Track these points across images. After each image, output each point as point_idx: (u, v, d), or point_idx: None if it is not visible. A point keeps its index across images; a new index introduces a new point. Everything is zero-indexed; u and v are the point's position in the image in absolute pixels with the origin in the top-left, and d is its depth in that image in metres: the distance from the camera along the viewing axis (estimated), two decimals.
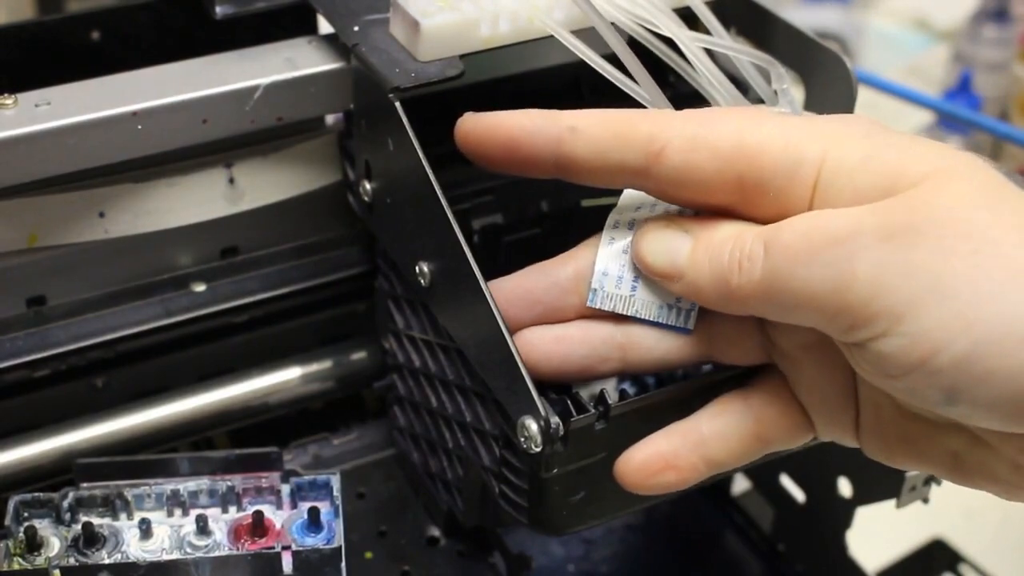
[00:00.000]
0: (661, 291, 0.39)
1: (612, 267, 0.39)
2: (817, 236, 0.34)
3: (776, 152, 0.35)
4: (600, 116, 0.37)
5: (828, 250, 0.33)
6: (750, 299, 0.35)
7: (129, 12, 0.53)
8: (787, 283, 0.34)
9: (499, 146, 0.39)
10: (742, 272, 0.35)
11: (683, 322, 0.39)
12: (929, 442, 0.37)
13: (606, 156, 0.37)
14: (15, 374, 0.49)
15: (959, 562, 0.68)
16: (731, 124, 0.36)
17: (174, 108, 0.46)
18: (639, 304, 0.39)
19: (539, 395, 0.37)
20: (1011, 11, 1.35)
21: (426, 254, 0.43)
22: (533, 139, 0.38)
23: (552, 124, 0.38)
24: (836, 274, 0.33)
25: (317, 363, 0.55)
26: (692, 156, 0.36)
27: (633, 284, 0.39)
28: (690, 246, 0.37)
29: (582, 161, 0.37)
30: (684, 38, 0.42)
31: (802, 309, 0.34)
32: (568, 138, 0.37)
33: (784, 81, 0.42)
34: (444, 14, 0.44)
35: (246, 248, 0.53)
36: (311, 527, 0.45)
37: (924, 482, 0.52)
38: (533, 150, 0.38)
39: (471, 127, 0.39)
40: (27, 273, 0.49)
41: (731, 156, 0.36)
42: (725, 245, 0.36)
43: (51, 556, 0.43)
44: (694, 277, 0.37)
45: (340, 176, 0.53)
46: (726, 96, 0.42)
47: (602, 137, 0.37)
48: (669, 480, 0.38)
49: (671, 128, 0.36)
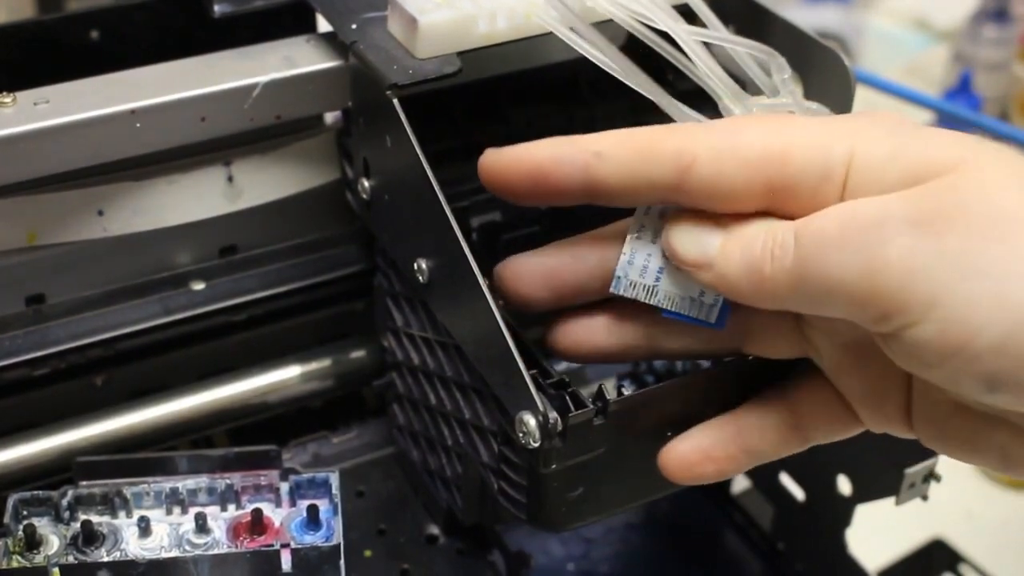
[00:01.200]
0: (685, 283, 0.38)
1: (638, 255, 0.39)
2: (848, 223, 0.34)
3: (804, 155, 0.35)
4: (624, 137, 0.37)
5: (859, 236, 0.33)
6: (781, 288, 0.35)
7: (128, 11, 0.53)
8: (818, 270, 0.34)
9: (525, 179, 0.38)
10: (774, 261, 0.35)
11: (705, 315, 0.38)
12: (979, 436, 0.37)
13: (635, 176, 0.37)
14: (14, 372, 0.49)
15: (959, 562, 0.68)
16: (756, 131, 0.36)
17: (173, 106, 0.46)
18: (662, 295, 0.39)
19: (537, 391, 0.37)
20: (1011, 11, 1.35)
21: (424, 251, 0.43)
22: (560, 168, 0.37)
23: (577, 151, 0.37)
24: (867, 260, 0.33)
25: (316, 361, 0.55)
26: (721, 167, 0.36)
27: (658, 274, 0.39)
28: (722, 238, 0.37)
29: (611, 184, 0.37)
30: (681, 32, 0.42)
31: (833, 297, 0.34)
32: (594, 163, 0.37)
33: (785, 71, 0.42)
34: (442, 11, 0.44)
35: (245, 246, 0.53)
36: (310, 525, 0.45)
37: (923, 479, 0.52)
38: (560, 179, 0.37)
39: (493, 162, 0.39)
40: (26, 271, 0.49)
41: (759, 163, 0.36)
42: (757, 237, 0.36)
43: (50, 554, 0.43)
44: (725, 267, 0.36)
45: (339, 174, 0.53)
46: (725, 90, 0.42)
47: (629, 158, 0.37)
48: (708, 471, 0.39)
49: (697, 141, 0.36)
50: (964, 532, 0.76)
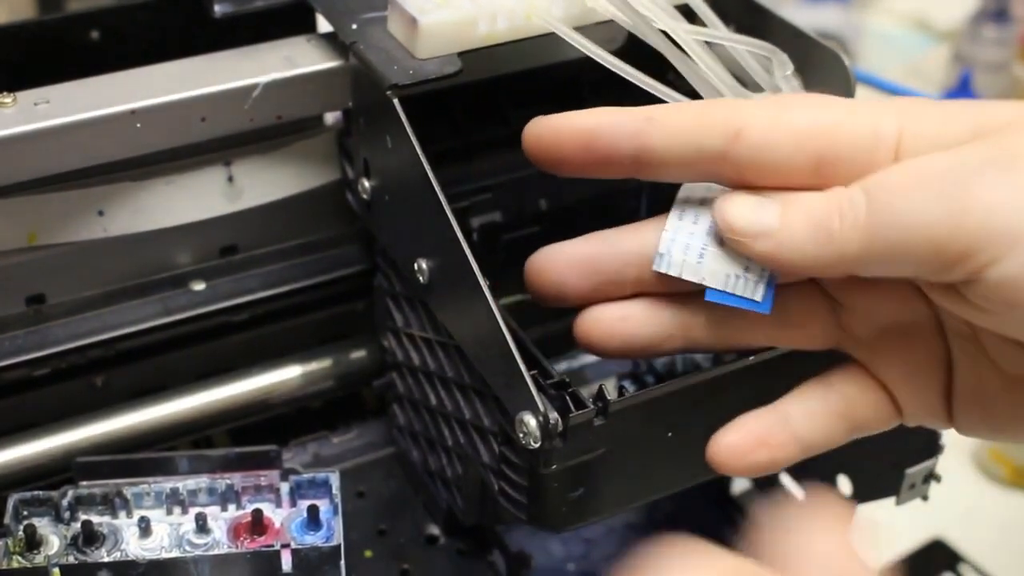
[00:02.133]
0: (730, 259, 0.38)
1: (681, 233, 0.38)
2: (923, 170, 0.34)
3: (854, 128, 0.36)
4: (676, 104, 0.38)
5: (937, 181, 0.33)
6: (852, 245, 0.35)
7: (128, 11, 0.53)
8: (896, 219, 0.34)
9: (576, 145, 0.38)
10: (843, 217, 0.35)
11: (751, 292, 0.38)
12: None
13: (685, 143, 0.37)
14: (15, 373, 0.49)
15: (959, 562, 0.68)
16: (806, 105, 0.37)
17: (173, 106, 0.46)
18: (706, 271, 0.38)
19: (538, 391, 0.37)
20: (1011, 11, 1.35)
21: (425, 252, 0.43)
22: (612, 133, 0.37)
23: (629, 116, 0.37)
24: (948, 201, 0.33)
25: (316, 362, 0.55)
26: (771, 136, 0.36)
27: (702, 251, 0.38)
28: (779, 205, 0.36)
29: (662, 151, 0.37)
30: (681, 31, 0.42)
31: (911, 246, 0.34)
32: (647, 128, 0.37)
33: (787, 68, 0.42)
34: (442, 11, 0.44)
35: (245, 246, 0.53)
36: (310, 525, 0.45)
37: (923, 480, 0.52)
38: (612, 145, 0.37)
39: (543, 129, 0.38)
40: (26, 272, 0.49)
41: (810, 135, 0.36)
42: (818, 199, 0.36)
43: (50, 554, 0.43)
44: (786, 233, 0.36)
45: (339, 174, 0.53)
46: (726, 90, 0.42)
47: (681, 125, 0.37)
48: (762, 459, 0.39)
49: (748, 111, 0.36)
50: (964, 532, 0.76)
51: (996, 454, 0.90)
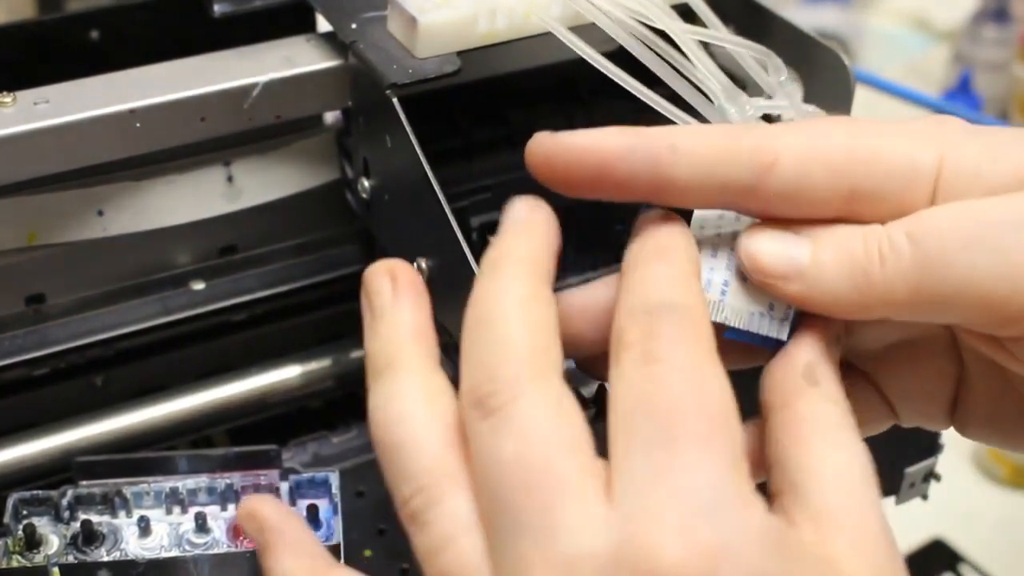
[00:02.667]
0: (753, 297, 0.35)
1: (702, 269, 0.35)
2: (977, 221, 0.32)
3: (892, 159, 0.34)
4: (701, 132, 0.34)
5: (993, 234, 0.32)
6: (897, 294, 0.33)
7: (128, 11, 0.53)
8: (945, 271, 0.32)
9: (588, 171, 0.34)
10: (885, 263, 0.33)
11: (775, 332, 0.35)
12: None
13: (710, 175, 0.34)
14: (14, 372, 0.49)
15: (959, 562, 0.68)
16: (840, 134, 0.34)
17: (172, 106, 0.46)
18: (729, 310, 0.35)
19: None
20: (1011, 11, 1.35)
21: (424, 251, 0.43)
22: (629, 162, 0.33)
23: (648, 144, 0.33)
24: (1006, 259, 0.32)
25: (316, 361, 0.55)
26: (804, 168, 0.33)
27: (723, 288, 0.35)
28: (809, 244, 0.34)
29: (683, 182, 0.34)
30: (678, 31, 0.42)
31: (961, 300, 0.32)
32: (668, 159, 0.33)
33: (782, 73, 0.42)
34: (441, 11, 0.44)
35: (245, 246, 0.53)
36: (310, 524, 0.45)
37: (923, 479, 0.52)
38: (627, 174, 0.34)
39: (552, 150, 0.34)
40: (26, 271, 0.50)
41: (845, 166, 0.33)
42: (854, 239, 0.33)
43: (50, 554, 0.43)
44: (818, 276, 0.33)
45: (338, 174, 0.53)
46: (722, 91, 0.42)
47: (707, 155, 0.33)
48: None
49: (779, 141, 0.34)
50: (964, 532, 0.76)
51: (996, 454, 0.90)
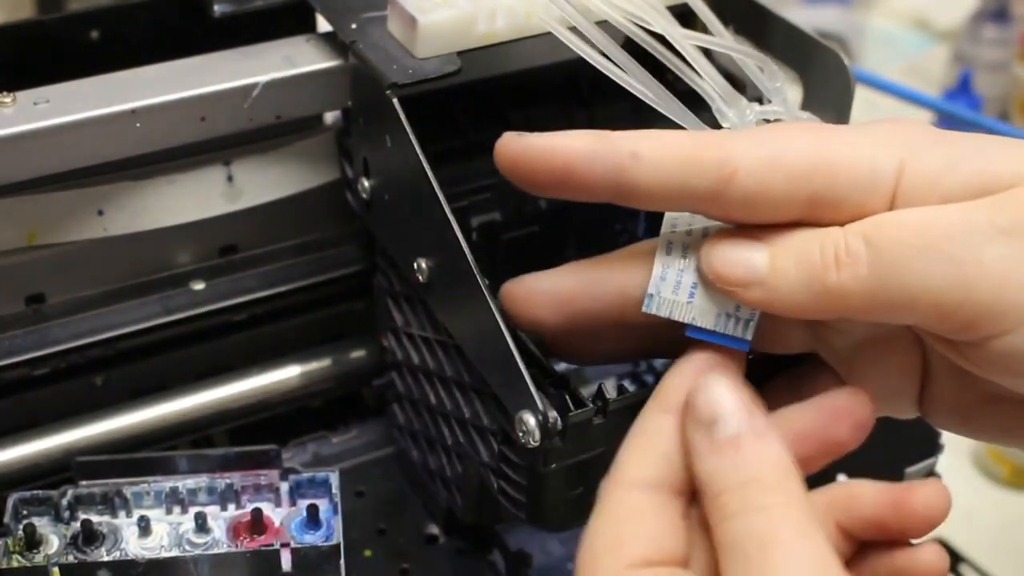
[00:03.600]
0: (720, 299, 0.36)
1: (670, 272, 0.37)
2: (932, 229, 0.33)
3: (852, 167, 0.34)
4: (663, 141, 0.35)
5: (947, 243, 0.32)
6: (852, 297, 0.34)
7: (128, 11, 0.53)
8: (900, 278, 0.33)
9: (552, 174, 0.35)
10: (841, 269, 0.33)
11: (741, 332, 0.37)
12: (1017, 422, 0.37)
13: (671, 183, 0.35)
14: (14, 372, 0.49)
15: (959, 562, 0.68)
16: (801, 141, 0.35)
17: (173, 106, 0.46)
18: (696, 312, 0.37)
19: (537, 390, 0.37)
20: (1011, 11, 1.35)
21: (424, 251, 0.43)
22: (591, 166, 0.35)
23: (612, 150, 0.35)
24: (959, 268, 0.32)
25: (316, 361, 0.55)
26: (765, 178, 0.34)
27: (691, 291, 0.37)
28: (768, 251, 0.35)
29: (645, 188, 0.35)
30: (677, 35, 0.42)
31: (916, 306, 0.33)
32: (630, 165, 0.35)
33: (777, 79, 0.42)
34: (441, 11, 0.44)
35: (245, 246, 0.54)
36: (310, 524, 0.45)
37: (923, 479, 0.52)
38: (590, 178, 0.35)
39: (519, 152, 0.36)
40: (26, 271, 0.50)
41: (806, 175, 0.34)
42: (811, 244, 0.34)
43: (50, 554, 0.43)
44: (777, 282, 0.34)
45: (338, 174, 0.53)
46: (720, 94, 0.42)
47: (668, 164, 0.34)
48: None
49: (741, 150, 0.34)
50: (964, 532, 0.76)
51: (996, 454, 0.90)
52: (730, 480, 0.32)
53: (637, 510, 0.33)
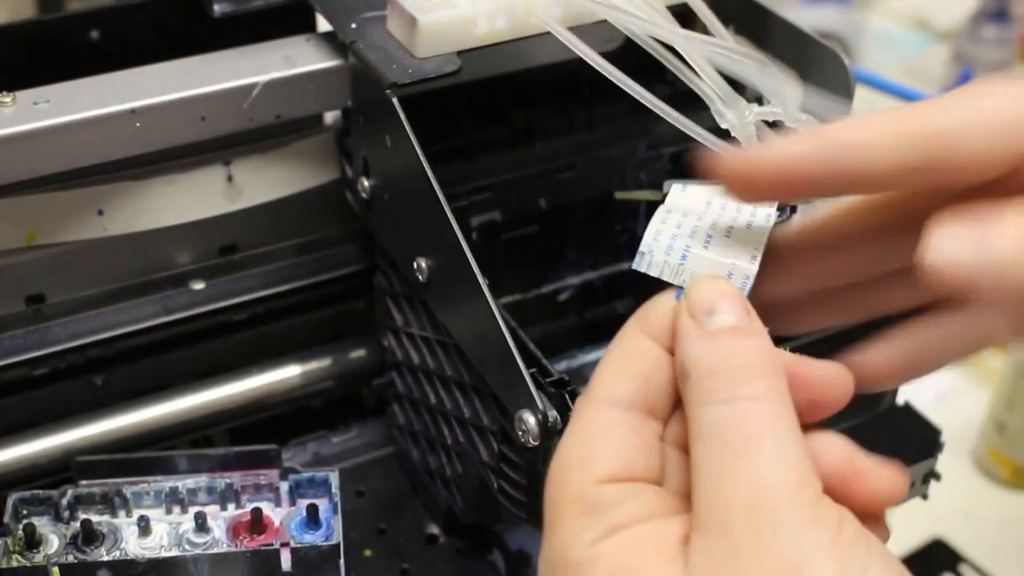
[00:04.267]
0: (712, 264, 0.36)
1: (663, 236, 0.37)
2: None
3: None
4: (877, 125, 0.34)
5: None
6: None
7: (128, 11, 0.53)
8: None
9: (786, 183, 0.35)
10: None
11: None
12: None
13: (902, 163, 0.34)
14: (14, 372, 0.49)
15: (959, 562, 0.68)
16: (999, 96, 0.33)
17: (173, 106, 0.46)
18: (688, 275, 0.36)
19: (537, 389, 0.37)
20: (1011, 11, 1.35)
21: (424, 251, 0.43)
22: (819, 167, 0.34)
23: (834, 147, 0.34)
24: None
25: (316, 361, 0.55)
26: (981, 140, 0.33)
27: (684, 253, 0.37)
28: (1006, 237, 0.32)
29: (873, 175, 0.34)
30: (676, 37, 0.41)
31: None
32: (857, 156, 0.34)
33: (776, 81, 0.42)
34: (441, 10, 0.44)
35: (245, 246, 0.54)
36: (310, 524, 0.45)
37: (923, 479, 0.52)
38: (820, 177, 0.34)
39: (751, 170, 0.35)
40: (26, 271, 0.50)
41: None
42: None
43: (50, 553, 0.43)
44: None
45: (338, 174, 0.53)
46: (719, 95, 0.42)
47: (893, 145, 0.34)
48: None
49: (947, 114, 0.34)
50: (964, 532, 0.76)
51: (996, 454, 0.90)
52: (720, 364, 0.32)
53: (609, 427, 0.33)
